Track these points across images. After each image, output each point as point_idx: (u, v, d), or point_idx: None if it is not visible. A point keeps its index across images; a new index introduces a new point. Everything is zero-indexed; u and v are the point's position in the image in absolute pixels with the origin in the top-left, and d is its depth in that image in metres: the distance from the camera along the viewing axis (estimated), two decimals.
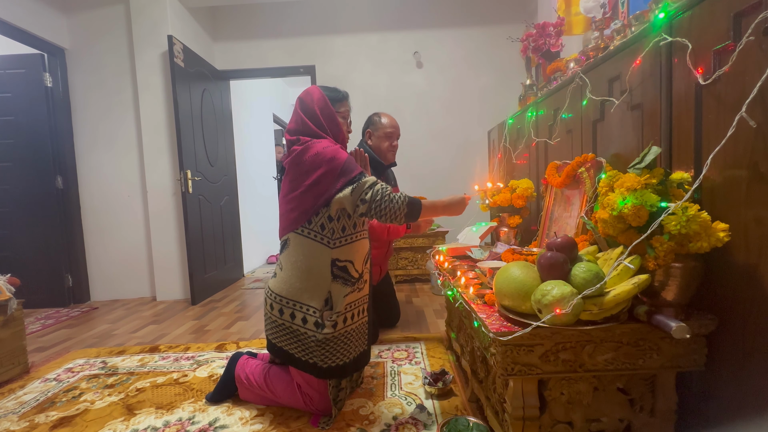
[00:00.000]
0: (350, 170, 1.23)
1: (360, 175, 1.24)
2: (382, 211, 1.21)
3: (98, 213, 3.21)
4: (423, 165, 3.66)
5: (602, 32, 1.44)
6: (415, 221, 1.31)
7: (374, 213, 1.22)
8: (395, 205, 1.21)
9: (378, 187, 1.22)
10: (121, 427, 1.36)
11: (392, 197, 1.22)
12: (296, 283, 1.29)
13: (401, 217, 1.23)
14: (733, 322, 0.84)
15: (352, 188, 1.22)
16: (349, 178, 1.22)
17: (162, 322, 2.57)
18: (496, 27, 3.51)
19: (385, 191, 1.22)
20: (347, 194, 1.22)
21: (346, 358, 1.32)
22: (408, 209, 1.23)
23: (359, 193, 1.21)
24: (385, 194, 1.22)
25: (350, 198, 1.22)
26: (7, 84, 2.93)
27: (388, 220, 1.23)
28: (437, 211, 1.36)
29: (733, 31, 0.79)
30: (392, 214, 1.21)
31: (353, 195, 1.22)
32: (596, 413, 0.95)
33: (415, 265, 3.23)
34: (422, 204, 1.28)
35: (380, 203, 1.21)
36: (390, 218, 1.22)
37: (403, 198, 1.23)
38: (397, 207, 1.21)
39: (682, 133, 0.94)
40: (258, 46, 3.64)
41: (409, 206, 1.24)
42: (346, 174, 1.22)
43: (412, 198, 1.26)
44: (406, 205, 1.23)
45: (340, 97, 1.39)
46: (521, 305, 0.93)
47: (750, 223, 0.78)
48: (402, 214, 1.22)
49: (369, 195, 1.21)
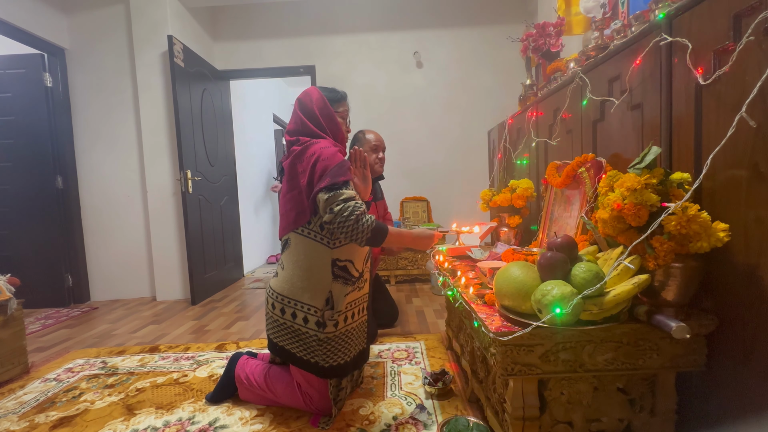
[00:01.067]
0: (337, 174, 1.21)
1: (342, 184, 1.21)
2: (345, 228, 1.18)
3: (98, 213, 3.21)
4: (423, 165, 3.66)
5: (602, 32, 1.44)
6: (377, 247, 1.27)
7: (336, 227, 1.19)
8: (359, 227, 1.18)
9: (350, 204, 1.19)
10: (121, 427, 1.36)
11: (359, 218, 1.18)
12: (297, 283, 1.29)
13: (362, 240, 1.19)
14: (733, 322, 0.84)
15: (329, 195, 1.20)
16: (333, 182, 1.20)
17: (162, 322, 2.57)
18: (496, 27, 3.51)
19: (355, 210, 1.18)
20: (322, 197, 1.21)
21: (347, 356, 1.32)
22: (371, 235, 1.19)
23: (331, 202, 1.20)
24: (354, 213, 1.18)
25: (323, 203, 1.21)
26: (7, 84, 2.93)
27: (348, 239, 1.20)
28: (404, 243, 1.32)
29: (733, 31, 0.79)
30: (353, 234, 1.18)
31: (326, 201, 1.20)
32: (596, 413, 0.95)
33: (415, 265, 3.23)
34: (388, 232, 1.24)
35: (345, 220, 1.17)
36: (350, 238, 1.19)
37: (369, 223, 1.19)
38: (361, 230, 1.18)
39: (682, 133, 0.94)
40: (258, 46, 3.64)
41: (373, 232, 1.19)
42: (332, 176, 1.20)
43: (379, 224, 1.21)
44: (370, 230, 1.19)
45: (339, 98, 1.40)
46: (521, 305, 0.93)
47: (750, 223, 0.78)
48: (364, 237, 1.19)
49: (339, 208, 1.18)
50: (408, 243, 1.33)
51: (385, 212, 2.30)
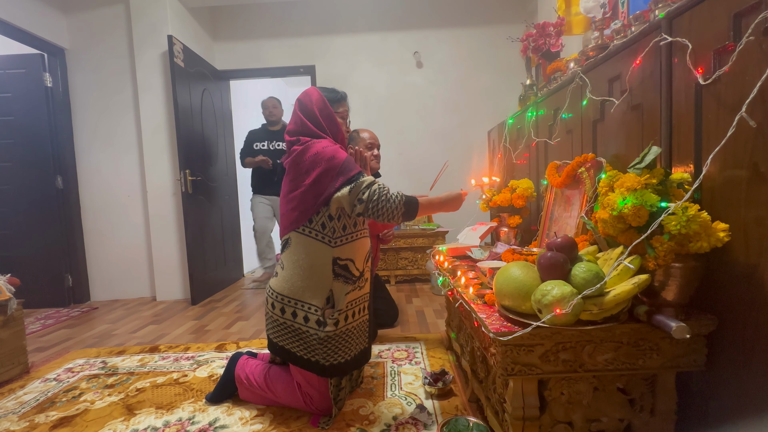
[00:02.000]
0: (349, 169, 1.23)
1: (358, 175, 1.24)
2: (380, 210, 1.20)
3: (98, 213, 3.21)
4: (423, 165, 3.65)
5: (602, 32, 1.44)
6: (413, 219, 1.30)
7: (371, 213, 1.21)
8: (392, 205, 1.21)
9: (375, 187, 1.22)
10: (121, 427, 1.36)
11: (389, 197, 1.21)
12: (298, 282, 1.29)
13: (398, 216, 1.22)
14: (733, 322, 0.84)
15: (350, 188, 1.21)
16: (348, 177, 1.22)
17: (162, 322, 2.57)
18: (496, 27, 3.51)
19: (383, 191, 1.22)
20: (345, 193, 1.22)
21: (348, 355, 1.32)
22: (405, 208, 1.23)
23: (356, 193, 1.21)
24: (383, 194, 1.21)
25: (348, 197, 1.22)
26: (7, 84, 2.93)
27: (386, 220, 1.22)
28: (434, 208, 1.34)
29: (733, 31, 0.79)
30: (389, 213, 1.21)
31: (351, 194, 1.21)
32: (596, 413, 0.95)
33: (415, 265, 3.23)
34: (419, 202, 1.27)
35: (377, 203, 1.20)
36: (387, 218, 1.22)
37: (399, 197, 1.22)
38: (394, 206, 1.21)
39: (682, 133, 0.94)
40: (258, 46, 3.64)
41: (406, 205, 1.23)
42: (344, 173, 1.22)
43: (408, 197, 1.25)
44: (403, 204, 1.22)
45: (339, 98, 1.40)
46: (521, 305, 0.92)
47: (750, 223, 0.78)
48: (399, 213, 1.22)
49: (366, 195, 1.21)
50: (438, 208, 1.35)
51: None
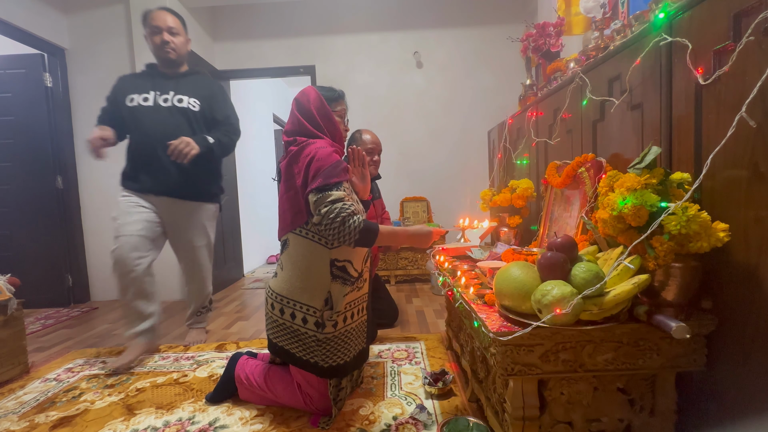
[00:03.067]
0: (329, 176, 1.20)
1: (333, 186, 1.20)
2: (332, 230, 1.17)
3: (98, 213, 3.21)
4: (423, 165, 3.66)
5: (602, 32, 1.44)
6: (369, 247, 1.26)
7: (324, 228, 1.19)
8: (345, 228, 1.17)
9: (337, 206, 1.18)
10: (121, 427, 1.36)
11: (345, 220, 1.17)
12: (296, 283, 1.29)
13: (351, 241, 1.18)
14: (733, 322, 0.84)
15: (318, 196, 1.20)
16: (324, 183, 1.19)
17: (162, 322, 2.56)
18: (496, 27, 3.51)
19: (342, 212, 1.17)
20: (312, 198, 1.21)
21: (347, 356, 1.32)
22: (359, 236, 1.18)
23: (319, 204, 1.19)
24: (340, 215, 1.17)
25: (312, 204, 1.21)
26: (7, 84, 2.93)
27: (336, 241, 1.20)
28: (398, 241, 1.30)
29: (733, 31, 0.79)
30: (341, 236, 1.17)
31: (315, 203, 1.20)
32: (596, 413, 0.95)
33: (415, 265, 3.23)
34: (379, 232, 1.21)
35: (332, 222, 1.17)
36: (339, 240, 1.18)
37: (356, 224, 1.17)
38: (347, 231, 1.17)
39: (682, 133, 0.94)
40: (258, 46, 3.64)
41: (362, 233, 1.18)
42: (324, 177, 1.20)
43: (368, 225, 1.20)
44: (358, 231, 1.17)
45: (336, 97, 1.39)
46: (521, 305, 0.92)
47: (750, 223, 0.78)
48: (351, 239, 1.18)
49: (325, 210, 1.18)
50: (403, 241, 1.30)
51: (383, 211, 2.28)
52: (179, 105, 1.87)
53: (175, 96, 1.87)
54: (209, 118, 1.96)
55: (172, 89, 1.88)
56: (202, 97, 1.94)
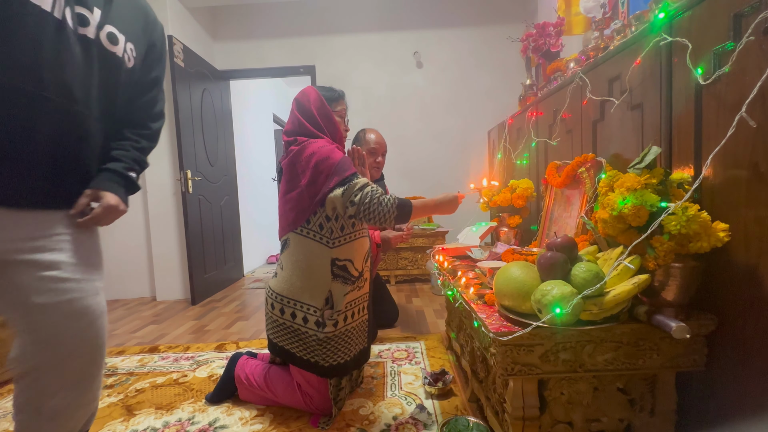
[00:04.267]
0: (343, 170, 1.22)
1: (352, 176, 1.22)
2: (371, 214, 1.18)
3: None
4: (423, 165, 3.66)
5: (602, 32, 1.44)
6: (406, 223, 1.27)
7: (363, 216, 1.19)
8: (384, 208, 1.18)
9: (368, 190, 1.20)
10: (120, 427, 1.36)
11: (381, 200, 1.19)
12: (297, 283, 1.29)
13: (391, 219, 1.19)
14: (733, 322, 0.84)
15: (344, 189, 1.20)
16: (342, 177, 1.21)
17: (162, 322, 2.57)
18: (496, 27, 3.51)
19: (375, 194, 1.19)
20: (338, 195, 1.21)
21: (347, 356, 1.32)
22: (398, 212, 1.20)
23: (349, 195, 1.20)
24: (374, 197, 1.19)
25: (341, 199, 1.21)
26: None
27: (377, 223, 1.20)
28: (428, 210, 1.32)
29: (733, 31, 0.79)
30: (381, 217, 1.18)
31: (344, 196, 1.20)
32: (596, 413, 0.95)
33: (415, 265, 3.23)
34: (413, 205, 1.25)
35: (369, 206, 1.18)
36: (379, 221, 1.19)
37: (392, 201, 1.20)
38: (386, 210, 1.18)
39: (682, 133, 0.94)
40: (258, 46, 3.64)
41: (399, 209, 1.20)
42: (339, 173, 1.21)
43: (402, 200, 1.22)
44: (395, 207, 1.19)
45: (336, 96, 1.40)
46: (521, 305, 0.93)
47: (750, 223, 0.78)
48: (392, 216, 1.19)
49: (358, 197, 1.19)
50: (433, 210, 1.33)
51: None
52: (107, 46, 0.89)
53: (104, 24, 0.88)
54: (136, 83, 1.00)
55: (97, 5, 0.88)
56: (137, 40, 0.98)
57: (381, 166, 2.06)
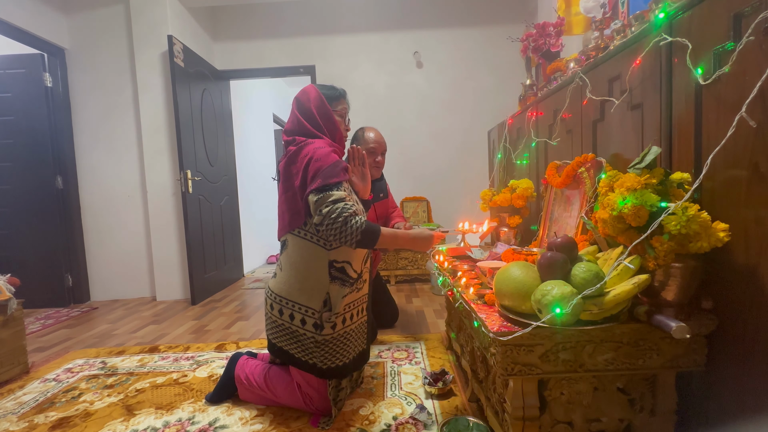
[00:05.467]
0: (329, 176, 1.20)
1: (333, 186, 1.20)
2: (333, 230, 1.17)
3: (98, 213, 3.21)
4: (423, 165, 3.66)
5: (602, 32, 1.44)
6: (370, 249, 1.24)
7: (325, 229, 1.18)
8: (348, 229, 1.16)
9: (339, 206, 1.18)
10: (120, 427, 1.36)
11: (347, 221, 1.16)
12: (295, 284, 1.29)
13: (352, 242, 1.18)
14: (733, 322, 0.84)
15: (318, 197, 1.19)
16: (324, 183, 1.19)
17: (162, 322, 2.57)
18: (496, 27, 3.51)
19: (343, 212, 1.17)
20: (312, 199, 1.20)
21: (346, 358, 1.32)
22: (361, 237, 1.17)
23: (320, 204, 1.19)
24: (342, 215, 1.16)
25: (313, 205, 1.20)
26: (7, 84, 2.93)
27: (338, 242, 1.19)
28: (398, 243, 1.28)
29: (733, 31, 0.79)
30: (342, 236, 1.17)
31: (315, 204, 1.20)
32: (596, 413, 0.95)
33: (415, 265, 3.23)
34: (381, 234, 1.22)
35: (333, 223, 1.16)
36: (340, 240, 1.18)
37: (359, 224, 1.17)
38: (349, 231, 1.16)
39: (682, 133, 0.94)
40: (258, 46, 3.64)
41: (364, 234, 1.18)
42: (324, 178, 1.19)
43: (370, 226, 1.20)
44: (360, 232, 1.17)
45: (337, 95, 1.39)
46: (521, 305, 0.92)
47: (750, 223, 0.78)
48: (353, 239, 1.17)
49: (326, 210, 1.17)
50: (404, 244, 1.30)
51: (394, 209, 2.21)
52: None
53: None
54: None
55: None
56: None
57: (381, 165, 2.04)
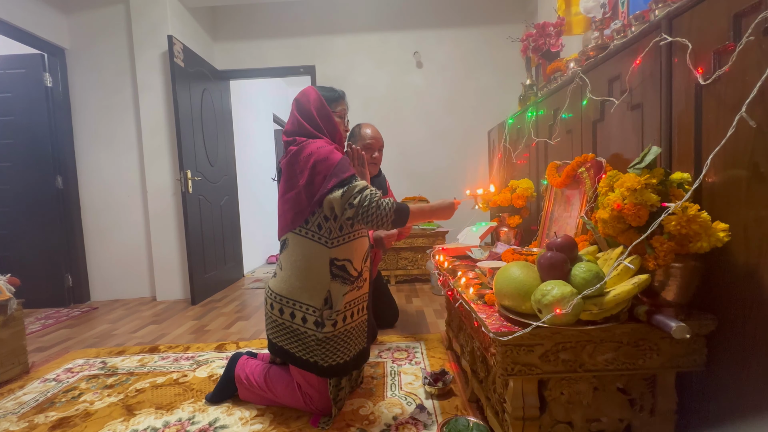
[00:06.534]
0: (342, 171, 1.22)
1: (351, 178, 1.22)
2: (369, 217, 1.19)
3: (98, 213, 3.21)
4: (423, 165, 3.66)
5: (602, 32, 1.44)
6: (403, 227, 1.28)
7: (361, 218, 1.20)
8: (382, 212, 1.20)
9: (367, 193, 1.21)
10: (120, 427, 1.36)
11: (380, 203, 1.20)
12: (296, 283, 1.29)
13: (388, 223, 1.21)
14: (733, 322, 0.84)
15: (343, 191, 1.20)
16: (341, 179, 1.21)
17: (162, 322, 2.57)
18: (496, 27, 3.51)
19: (374, 197, 1.21)
20: (337, 196, 1.21)
21: (346, 356, 1.32)
22: (395, 216, 1.21)
23: (348, 197, 1.20)
24: (373, 200, 1.20)
25: (339, 201, 1.21)
26: (7, 84, 2.93)
27: (375, 226, 1.21)
28: (425, 216, 1.34)
29: (733, 31, 0.79)
30: (379, 220, 1.20)
31: (342, 198, 1.20)
32: (596, 413, 0.95)
33: (415, 265, 3.23)
34: (410, 210, 1.26)
35: (367, 209, 1.19)
36: (377, 224, 1.20)
37: (390, 204, 1.21)
38: (384, 213, 1.20)
39: (682, 133, 0.94)
40: (258, 46, 3.64)
41: (396, 213, 1.22)
42: (338, 175, 1.21)
43: (399, 204, 1.24)
44: (393, 211, 1.21)
45: (336, 97, 1.39)
46: (521, 305, 0.92)
47: (750, 223, 0.78)
48: (389, 220, 1.21)
49: (357, 200, 1.20)
50: (430, 216, 1.35)
51: None
52: None
53: None
54: None
55: None
56: None
57: (378, 161, 2.03)
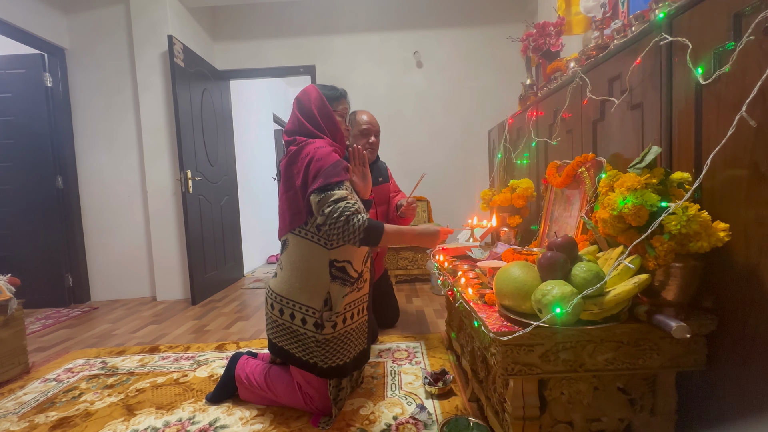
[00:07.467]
0: (330, 175, 1.19)
1: (335, 185, 1.20)
2: (336, 230, 1.16)
3: (98, 213, 3.21)
4: (423, 164, 3.65)
5: (602, 32, 1.44)
6: (374, 247, 1.24)
7: (328, 229, 1.18)
8: (350, 228, 1.16)
9: (341, 205, 1.17)
10: (121, 427, 1.36)
11: (349, 219, 1.16)
12: (295, 284, 1.29)
13: (355, 240, 1.17)
14: (733, 322, 0.84)
15: (320, 197, 1.19)
16: (325, 183, 1.19)
17: (162, 322, 2.57)
18: (496, 27, 3.51)
19: (345, 211, 1.16)
20: (314, 199, 1.20)
21: (347, 357, 1.32)
22: (363, 235, 1.17)
23: (322, 204, 1.19)
24: (344, 214, 1.16)
25: (315, 205, 1.20)
26: (7, 84, 2.93)
27: (341, 241, 1.19)
28: (405, 240, 1.28)
29: (733, 31, 0.79)
30: (345, 235, 1.17)
31: (318, 204, 1.19)
32: (596, 413, 0.95)
33: (415, 265, 3.23)
34: (385, 231, 1.20)
35: (335, 222, 1.16)
36: (343, 239, 1.18)
37: (361, 222, 1.17)
38: (352, 230, 1.16)
39: (682, 133, 0.94)
40: (258, 46, 3.64)
41: (366, 232, 1.17)
42: (325, 177, 1.19)
43: (373, 224, 1.19)
44: (362, 230, 1.16)
45: (338, 96, 1.39)
46: (521, 305, 0.92)
47: (750, 223, 0.78)
48: (357, 238, 1.17)
49: (329, 209, 1.17)
50: (410, 241, 1.29)
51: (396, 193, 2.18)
52: None
53: None
54: None
55: None
56: None
57: (375, 146, 2.01)
